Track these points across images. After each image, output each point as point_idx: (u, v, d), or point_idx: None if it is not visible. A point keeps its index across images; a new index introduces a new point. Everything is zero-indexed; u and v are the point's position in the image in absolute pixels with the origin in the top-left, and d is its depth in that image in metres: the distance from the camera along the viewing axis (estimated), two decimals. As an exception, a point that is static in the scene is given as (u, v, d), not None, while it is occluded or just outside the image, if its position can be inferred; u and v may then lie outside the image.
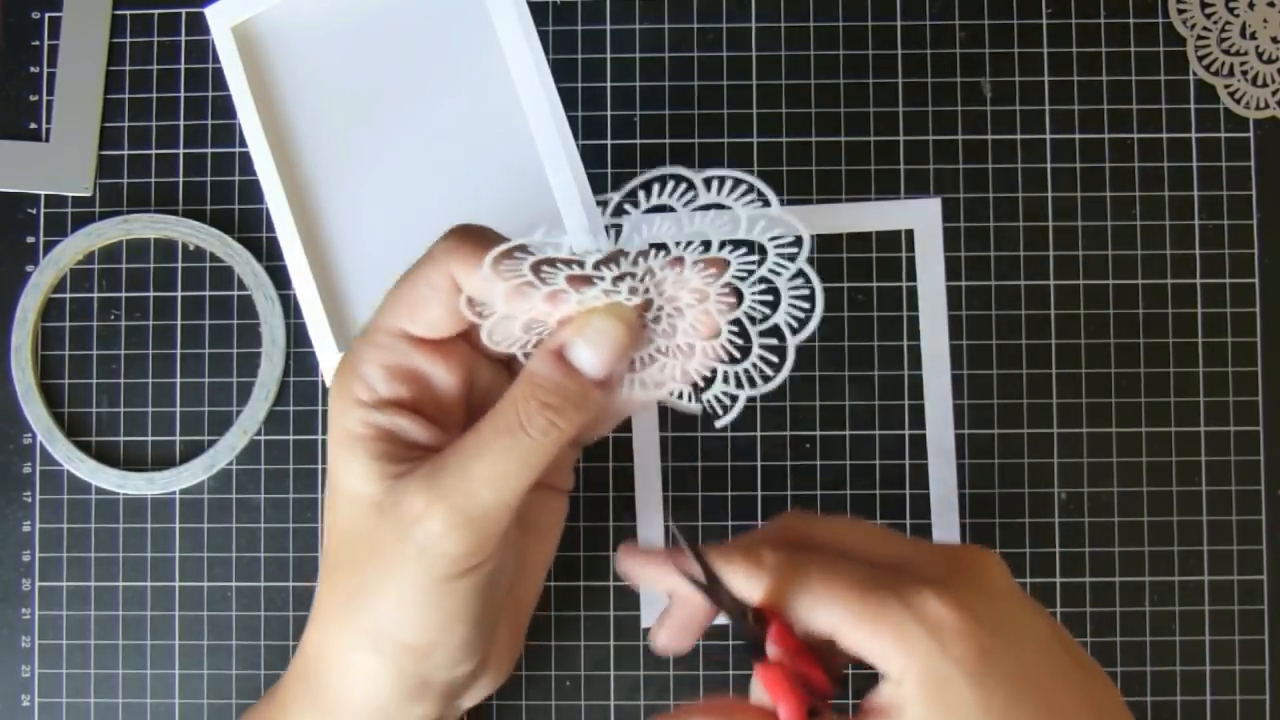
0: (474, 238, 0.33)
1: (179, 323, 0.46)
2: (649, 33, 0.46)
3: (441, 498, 0.32)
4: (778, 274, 0.31)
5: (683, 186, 0.30)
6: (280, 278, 0.45)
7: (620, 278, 0.31)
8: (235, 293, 0.46)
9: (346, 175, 0.45)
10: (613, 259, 0.31)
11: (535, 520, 0.37)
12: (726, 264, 0.31)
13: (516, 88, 0.43)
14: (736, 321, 0.32)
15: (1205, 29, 0.45)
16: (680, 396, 0.33)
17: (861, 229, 0.45)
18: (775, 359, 0.31)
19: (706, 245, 0.31)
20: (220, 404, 0.45)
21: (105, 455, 0.45)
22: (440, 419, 0.34)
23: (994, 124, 0.45)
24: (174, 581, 0.45)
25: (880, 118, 0.45)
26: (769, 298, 0.32)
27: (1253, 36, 0.45)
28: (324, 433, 0.45)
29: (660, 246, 0.31)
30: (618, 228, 0.31)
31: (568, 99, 0.45)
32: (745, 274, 0.32)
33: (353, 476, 0.33)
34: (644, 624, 0.44)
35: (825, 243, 0.45)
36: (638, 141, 0.45)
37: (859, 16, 0.46)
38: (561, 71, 0.45)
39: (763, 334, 0.32)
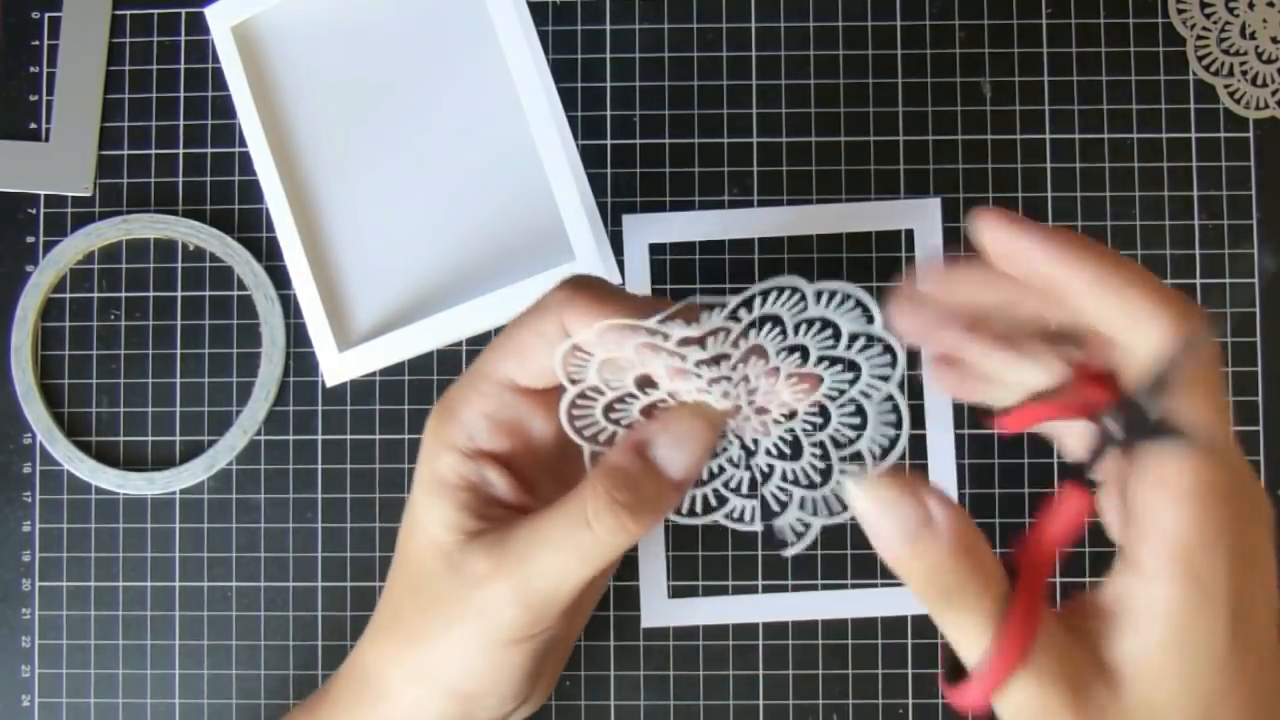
0: (591, 290, 0.31)
1: (179, 323, 0.46)
2: (649, 33, 0.46)
3: (504, 571, 0.31)
4: (868, 395, 0.30)
5: (795, 296, 0.28)
6: (280, 278, 0.45)
7: (716, 380, 0.30)
8: (235, 293, 0.46)
9: (346, 175, 0.45)
10: (715, 360, 0.29)
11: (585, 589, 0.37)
12: (820, 380, 0.30)
13: (516, 88, 0.43)
14: (820, 444, 0.30)
15: (1205, 29, 0.45)
16: (742, 518, 0.31)
17: (861, 229, 0.45)
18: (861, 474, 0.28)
19: (804, 357, 0.30)
20: (220, 404, 0.45)
21: (105, 455, 0.45)
22: (532, 474, 0.34)
23: (994, 124, 0.45)
24: (174, 581, 0.45)
25: (880, 118, 0.45)
26: (856, 420, 0.30)
27: (1252, 36, 0.45)
28: (324, 433, 0.45)
29: (757, 350, 0.30)
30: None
31: (568, 99, 0.45)
32: (837, 393, 0.30)
33: (432, 521, 0.33)
34: (644, 624, 0.44)
35: (825, 243, 0.45)
36: (637, 141, 0.45)
37: (859, 16, 0.46)
38: (561, 71, 0.45)
39: (843, 459, 0.30)
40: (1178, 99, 0.45)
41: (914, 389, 0.44)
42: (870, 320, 0.28)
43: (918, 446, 0.44)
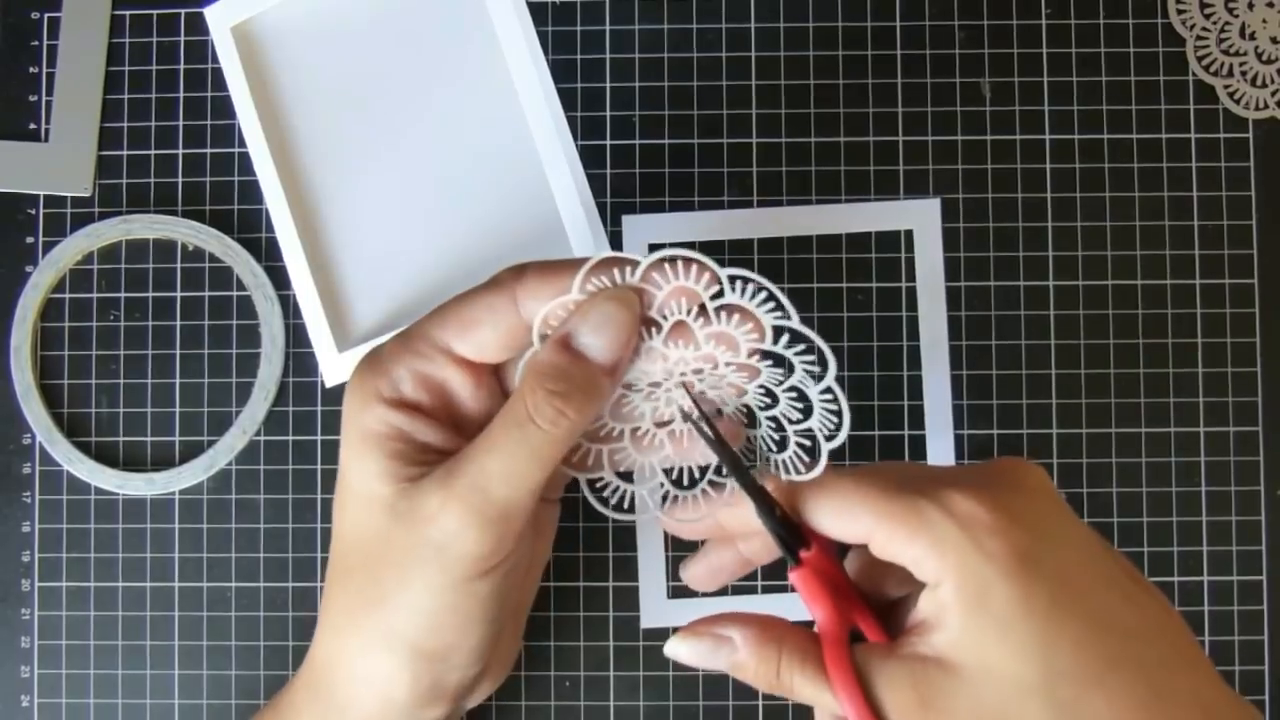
0: (540, 264, 0.33)
1: (178, 323, 0.46)
2: (649, 33, 0.46)
3: (457, 496, 0.31)
4: (806, 386, 0.31)
5: (709, 279, 0.30)
6: (280, 278, 0.45)
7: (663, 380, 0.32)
8: (235, 293, 0.46)
9: (346, 175, 0.45)
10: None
11: (536, 522, 0.37)
12: (758, 372, 0.32)
13: (516, 88, 0.43)
14: (774, 418, 0.32)
15: (1205, 29, 0.45)
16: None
17: (861, 229, 0.45)
18: (808, 458, 0.31)
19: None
20: (220, 404, 0.45)
21: (105, 456, 0.45)
22: (458, 430, 0.34)
23: (993, 124, 0.45)
24: (173, 582, 0.45)
25: (880, 118, 0.45)
26: (801, 406, 0.32)
27: (1252, 37, 0.45)
28: (323, 433, 0.45)
29: (680, 328, 0.32)
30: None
31: (567, 99, 0.45)
32: (776, 383, 0.32)
33: (366, 475, 0.33)
34: (644, 624, 0.44)
35: (825, 243, 0.45)
36: (637, 142, 0.45)
37: (859, 17, 0.46)
38: (561, 71, 0.45)
39: (798, 433, 0.32)
40: (1177, 99, 0.45)
41: (915, 390, 0.44)
42: (786, 316, 0.30)
43: (918, 446, 0.44)
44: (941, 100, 0.45)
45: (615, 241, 0.45)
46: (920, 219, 0.45)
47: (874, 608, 0.32)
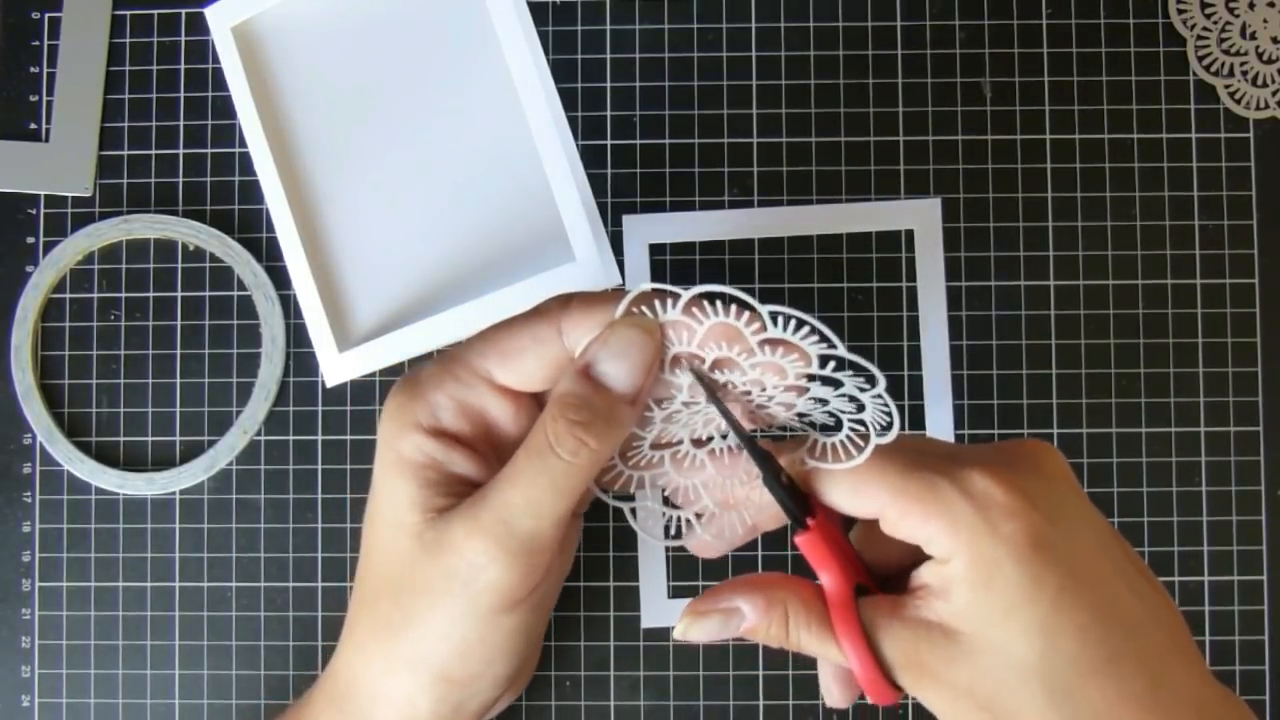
0: (585, 295, 0.32)
1: (179, 323, 0.46)
2: (649, 33, 0.46)
3: (482, 530, 0.31)
4: (855, 397, 0.31)
5: (751, 316, 0.30)
6: (280, 278, 0.45)
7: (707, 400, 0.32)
8: (235, 293, 0.46)
9: (346, 175, 0.45)
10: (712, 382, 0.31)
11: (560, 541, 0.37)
12: (806, 390, 0.31)
13: (516, 88, 0.43)
14: (829, 412, 0.32)
15: (1205, 29, 0.45)
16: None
17: (861, 229, 0.45)
18: (853, 450, 0.31)
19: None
20: (220, 404, 0.45)
21: (105, 455, 0.45)
22: (496, 456, 0.34)
23: (994, 124, 0.45)
24: (174, 582, 0.45)
25: (880, 118, 0.45)
26: (853, 407, 0.31)
27: (1253, 36, 0.45)
28: (324, 433, 0.45)
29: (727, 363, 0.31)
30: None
31: (568, 99, 0.45)
32: (824, 398, 0.32)
33: (396, 502, 0.33)
34: (644, 624, 0.44)
35: (826, 243, 0.45)
36: (637, 142, 0.45)
37: (859, 17, 0.46)
38: (561, 71, 0.45)
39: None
40: (1178, 99, 0.45)
41: (915, 389, 0.44)
42: (832, 345, 0.29)
43: (918, 447, 0.44)
44: (942, 100, 0.45)
45: (616, 241, 0.45)
46: (921, 219, 0.45)
47: (877, 577, 0.32)
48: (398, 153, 0.45)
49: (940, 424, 0.44)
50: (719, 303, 0.30)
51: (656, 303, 0.30)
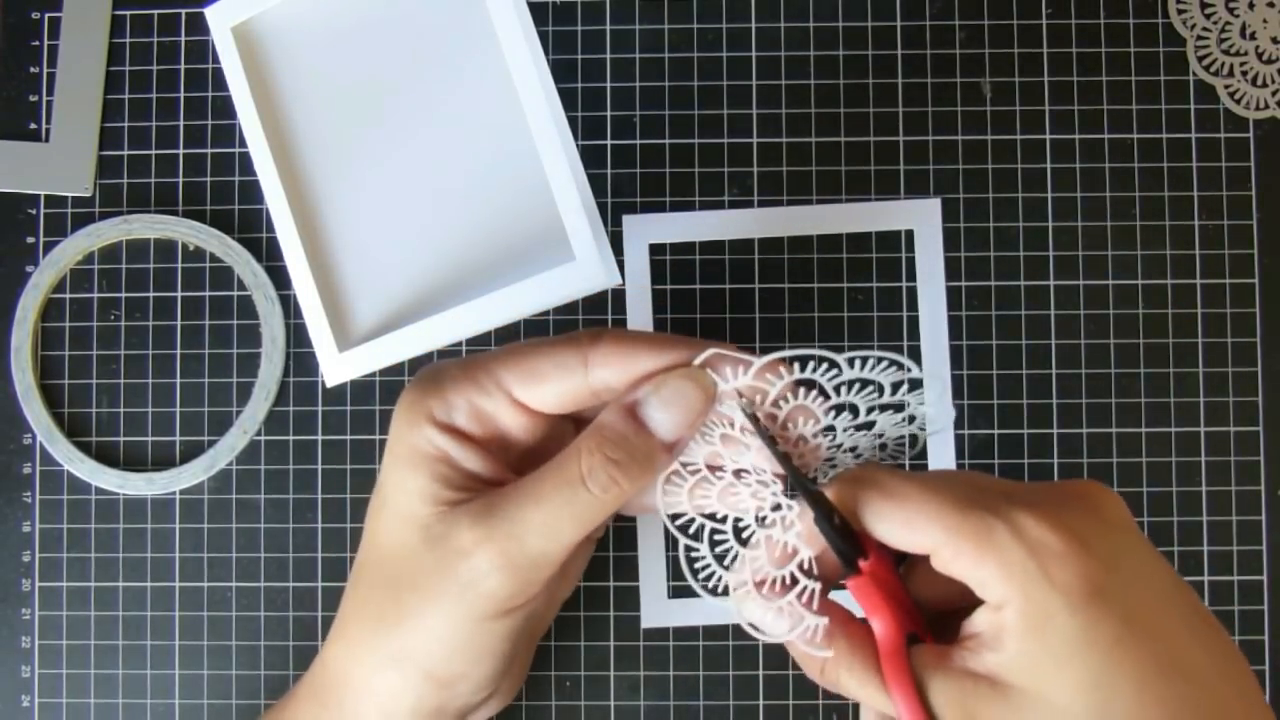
0: (617, 332, 0.33)
1: (179, 323, 0.46)
2: (649, 33, 0.46)
3: (492, 539, 0.31)
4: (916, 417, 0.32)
5: (825, 365, 0.30)
6: (280, 278, 0.45)
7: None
8: (235, 293, 0.46)
9: (346, 175, 0.45)
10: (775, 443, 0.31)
11: (568, 561, 0.37)
12: (872, 424, 0.32)
13: (516, 88, 0.43)
14: (878, 435, 0.33)
15: (1205, 29, 0.45)
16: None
17: (861, 229, 0.45)
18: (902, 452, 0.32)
19: (854, 411, 0.32)
20: (220, 404, 0.45)
21: (105, 455, 0.45)
22: (504, 458, 0.34)
23: (994, 124, 0.45)
24: (174, 582, 0.45)
25: (880, 118, 0.45)
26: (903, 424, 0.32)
27: (1253, 37, 0.45)
28: (324, 433, 0.45)
29: (802, 411, 0.32)
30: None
31: (568, 99, 0.45)
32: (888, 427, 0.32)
33: (406, 493, 0.33)
34: (644, 624, 0.44)
35: (825, 243, 0.45)
36: (637, 142, 0.45)
37: (859, 17, 0.46)
38: (561, 71, 0.45)
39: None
40: (1178, 99, 0.45)
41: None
42: (908, 370, 0.30)
43: (918, 447, 0.44)
44: (942, 100, 0.45)
45: (616, 241, 0.45)
46: (920, 219, 0.45)
47: (928, 614, 0.31)
48: (398, 153, 0.45)
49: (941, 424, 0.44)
50: (794, 365, 0.30)
51: (727, 369, 0.31)
